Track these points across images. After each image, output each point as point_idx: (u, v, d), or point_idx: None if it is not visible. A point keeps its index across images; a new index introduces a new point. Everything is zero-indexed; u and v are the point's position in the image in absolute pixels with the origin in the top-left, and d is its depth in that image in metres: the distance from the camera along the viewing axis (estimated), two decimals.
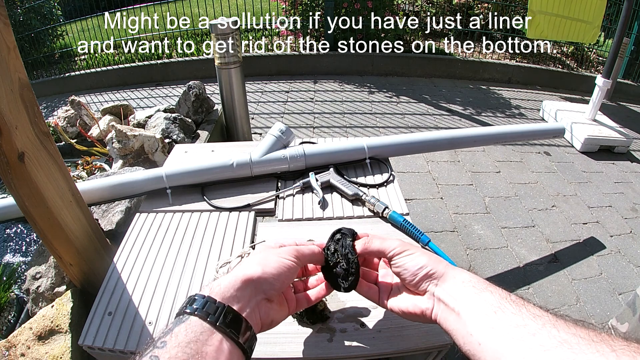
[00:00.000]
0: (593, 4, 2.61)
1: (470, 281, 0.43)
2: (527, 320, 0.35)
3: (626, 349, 0.29)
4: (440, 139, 1.07)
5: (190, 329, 0.37)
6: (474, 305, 0.40)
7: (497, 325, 0.36)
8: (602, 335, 0.32)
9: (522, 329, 0.34)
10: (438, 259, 0.48)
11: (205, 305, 0.39)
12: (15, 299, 1.01)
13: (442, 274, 0.46)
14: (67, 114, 1.96)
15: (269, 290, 0.45)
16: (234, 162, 0.90)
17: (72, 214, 0.70)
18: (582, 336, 0.32)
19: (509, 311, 0.37)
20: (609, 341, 0.30)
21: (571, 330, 0.33)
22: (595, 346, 0.30)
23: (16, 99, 0.57)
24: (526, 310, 0.36)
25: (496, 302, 0.39)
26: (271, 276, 0.45)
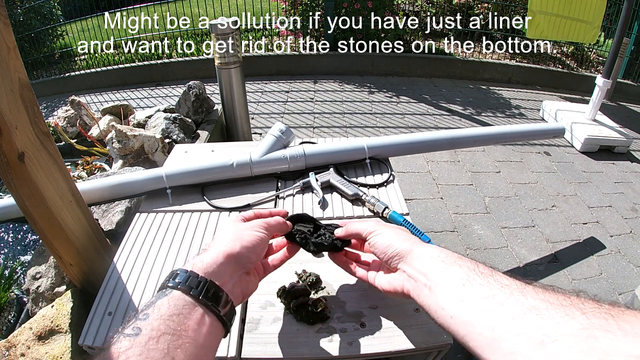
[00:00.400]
0: (593, 4, 2.61)
1: (439, 256, 0.44)
2: (495, 291, 0.35)
3: (597, 310, 0.28)
4: (440, 139, 1.07)
5: (172, 302, 0.37)
6: (444, 280, 0.41)
7: (466, 297, 0.37)
8: (571, 298, 0.31)
9: (490, 299, 0.35)
10: (407, 237, 0.50)
11: (188, 280, 0.40)
12: (15, 299, 1.01)
13: (409, 251, 0.47)
14: (67, 114, 1.96)
15: (248, 264, 0.47)
16: (234, 162, 0.90)
17: (72, 214, 0.70)
18: (551, 301, 0.31)
19: (477, 283, 0.37)
20: (578, 304, 0.30)
21: (539, 296, 0.32)
22: (564, 310, 0.30)
23: (16, 99, 0.57)
24: (494, 281, 0.37)
25: (464, 275, 0.39)
26: (249, 250, 0.47)
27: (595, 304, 0.29)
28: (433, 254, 0.45)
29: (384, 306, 0.62)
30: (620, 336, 0.25)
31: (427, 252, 0.45)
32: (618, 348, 0.24)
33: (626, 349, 0.24)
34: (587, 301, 0.30)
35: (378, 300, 0.63)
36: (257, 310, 0.62)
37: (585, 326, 0.27)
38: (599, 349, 0.25)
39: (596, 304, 0.29)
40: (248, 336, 0.58)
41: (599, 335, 0.26)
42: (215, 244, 0.47)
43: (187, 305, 0.38)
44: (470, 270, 0.39)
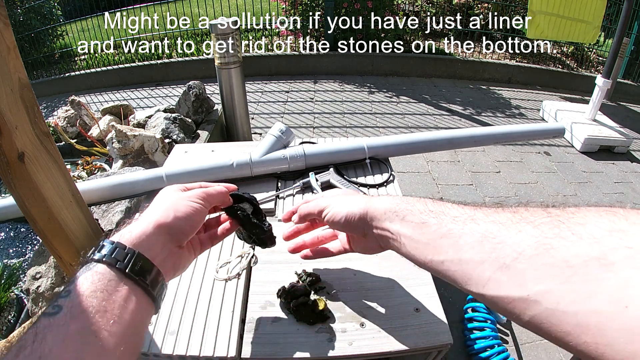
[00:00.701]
0: (593, 4, 2.61)
1: (391, 209, 0.45)
2: (449, 226, 0.36)
3: (547, 220, 0.29)
4: (440, 139, 1.07)
5: (96, 277, 0.34)
6: (404, 231, 0.42)
7: (428, 240, 0.38)
8: (520, 212, 0.32)
9: (448, 237, 0.36)
10: (355, 201, 0.50)
11: (114, 252, 0.36)
12: (15, 299, 1.01)
13: (365, 213, 0.48)
14: (67, 114, 1.96)
15: (181, 236, 0.43)
16: (234, 162, 0.90)
17: (72, 214, 0.70)
18: (501, 221, 0.32)
19: (432, 223, 0.39)
20: (528, 217, 0.30)
21: (490, 218, 0.34)
22: (515, 227, 0.30)
23: (16, 99, 0.57)
24: (445, 217, 0.38)
25: (418, 219, 0.40)
26: (182, 221, 0.43)
27: (543, 212, 0.30)
28: (386, 207, 0.45)
29: (384, 306, 0.62)
30: (575, 240, 0.26)
31: (381, 207, 0.46)
32: (577, 253, 0.25)
33: (584, 252, 0.25)
34: (537, 211, 0.31)
35: (378, 300, 0.63)
36: (257, 310, 0.62)
37: (539, 238, 0.28)
38: (558, 257, 0.26)
39: (545, 213, 0.30)
40: (248, 336, 0.58)
41: (555, 244, 0.27)
42: (147, 214, 0.43)
43: (113, 280, 0.35)
44: (421, 213, 0.41)
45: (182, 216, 0.43)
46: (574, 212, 0.28)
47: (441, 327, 0.59)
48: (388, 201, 0.46)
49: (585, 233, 0.26)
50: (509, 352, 1.27)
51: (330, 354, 0.55)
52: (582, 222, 0.27)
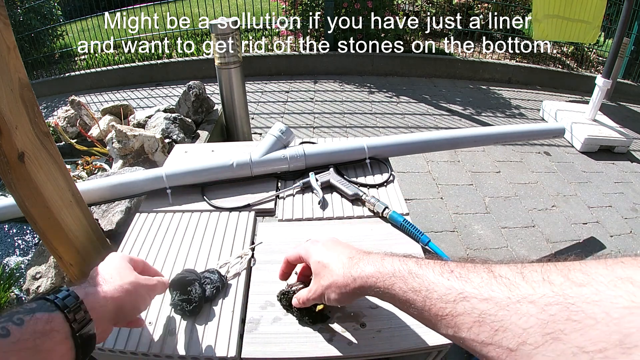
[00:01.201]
0: (593, 4, 2.61)
1: (371, 287, 0.44)
2: (439, 304, 0.35)
3: (551, 298, 0.26)
4: (440, 139, 1.07)
5: (51, 324, 0.37)
6: (392, 302, 0.42)
7: (419, 314, 0.38)
8: (517, 287, 0.29)
9: (441, 317, 0.34)
10: (336, 285, 0.48)
11: (77, 312, 0.39)
12: (15, 299, 1.01)
13: (351, 294, 0.47)
14: (67, 114, 1.96)
15: (122, 321, 0.48)
16: (234, 162, 0.90)
17: (72, 214, 0.70)
18: (497, 299, 0.30)
19: (419, 304, 0.37)
20: (529, 295, 0.28)
21: (483, 295, 0.31)
22: (515, 308, 0.28)
23: (16, 99, 0.57)
24: (431, 294, 0.36)
25: (403, 297, 0.39)
26: (134, 311, 0.49)
27: (543, 283, 0.27)
28: (367, 285, 0.44)
29: (384, 306, 0.62)
30: (590, 324, 0.23)
31: (365, 284, 0.45)
32: (593, 339, 0.23)
33: (602, 337, 0.22)
34: (536, 282, 0.28)
35: (378, 300, 0.63)
36: (257, 310, 0.62)
37: (547, 324, 0.25)
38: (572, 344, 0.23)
39: (545, 284, 0.27)
40: (248, 336, 0.58)
41: (567, 329, 0.24)
42: (110, 285, 0.46)
43: (61, 333, 0.37)
44: (405, 292, 0.39)
45: (136, 305, 0.49)
46: (582, 284, 0.25)
47: None
48: (364, 279, 0.44)
49: (601, 314, 0.23)
50: None
51: (330, 354, 0.55)
52: (596, 300, 0.24)
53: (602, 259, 0.26)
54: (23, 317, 0.35)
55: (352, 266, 0.47)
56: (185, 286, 0.61)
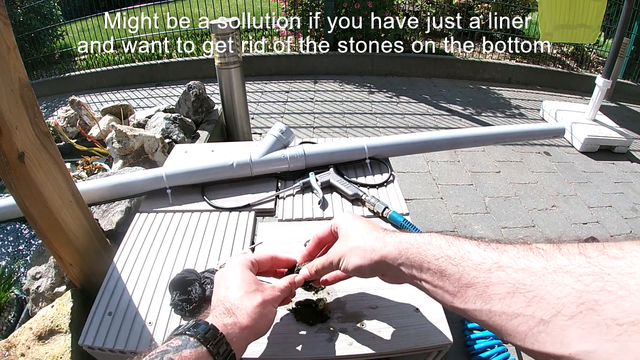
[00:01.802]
0: (593, 8, 2.61)
1: (401, 255, 0.42)
2: (472, 273, 0.34)
3: (587, 269, 0.26)
4: (440, 139, 1.07)
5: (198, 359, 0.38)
6: (423, 277, 0.40)
7: (451, 289, 0.36)
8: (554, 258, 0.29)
9: (473, 286, 0.34)
10: (363, 251, 0.47)
11: (219, 345, 0.41)
12: (15, 299, 1.01)
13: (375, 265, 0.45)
14: (67, 114, 1.96)
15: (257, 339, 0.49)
16: (234, 162, 0.90)
17: (72, 214, 0.70)
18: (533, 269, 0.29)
19: (453, 271, 0.36)
20: (565, 265, 0.28)
21: (519, 264, 0.31)
22: (551, 277, 0.28)
23: (16, 99, 0.57)
24: (466, 263, 0.35)
25: (435, 267, 0.38)
26: (268, 328, 0.50)
27: (579, 256, 0.27)
28: (395, 255, 0.43)
29: (384, 306, 0.62)
30: (624, 295, 0.23)
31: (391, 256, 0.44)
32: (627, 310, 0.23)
33: (635, 309, 0.22)
34: (572, 254, 0.28)
35: (378, 300, 0.63)
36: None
37: (582, 294, 0.25)
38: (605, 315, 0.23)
39: (582, 257, 0.27)
40: None
41: (601, 300, 0.24)
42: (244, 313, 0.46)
43: None
44: (437, 259, 0.38)
45: (269, 323, 0.49)
46: (617, 257, 0.25)
47: (441, 327, 0.59)
48: (395, 245, 0.44)
49: (635, 285, 0.23)
50: (509, 352, 1.27)
51: (330, 354, 0.55)
52: (630, 272, 0.24)
53: (636, 239, 0.27)
54: (172, 356, 0.37)
55: (386, 235, 0.47)
56: (185, 286, 0.61)
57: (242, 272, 0.51)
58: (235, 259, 0.54)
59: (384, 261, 0.44)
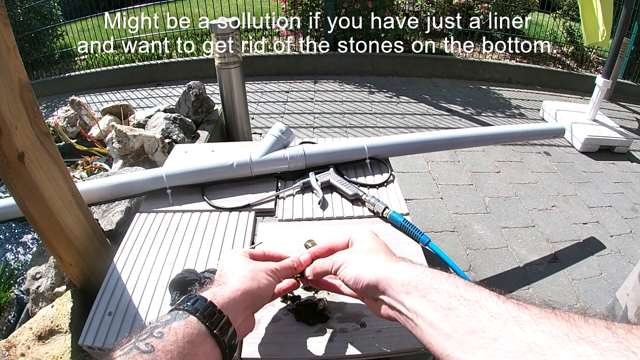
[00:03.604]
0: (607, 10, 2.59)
1: (410, 281, 0.39)
2: (484, 322, 0.30)
3: (614, 346, 0.24)
4: (440, 139, 1.07)
5: (188, 329, 0.38)
6: (424, 312, 0.36)
7: (452, 332, 0.32)
8: (579, 327, 0.26)
9: (480, 334, 0.30)
10: (369, 264, 0.46)
11: (207, 310, 0.40)
12: (15, 299, 1.01)
13: (375, 281, 0.43)
14: (67, 114, 1.96)
15: (259, 304, 0.49)
16: (234, 162, 0.90)
17: (72, 214, 0.70)
18: (554, 334, 0.26)
19: (462, 313, 0.32)
20: (589, 336, 0.25)
21: (539, 326, 0.28)
22: (574, 347, 0.25)
23: (16, 99, 0.57)
24: (481, 309, 0.32)
25: (445, 302, 0.35)
26: (263, 292, 0.48)
27: (608, 332, 0.25)
28: (404, 278, 0.40)
29: None
30: None
31: (398, 278, 0.41)
32: None
33: None
34: (600, 328, 0.25)
35: None
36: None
37: None
38: None
39: (610, 333, 0.25)
40: (248, 336, 0.58)
41: None
42: (233, 279, 0.47)
43: (201, 334, 0.39)
44: (450, 296, 0.34)
45: (263, 287, 0.48)
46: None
47: None
48: (409, 271, 0.41)
49: None
50: None
51: (330, 354, 0.55)
52: None
53: None
54: (162, 329, 0.37)
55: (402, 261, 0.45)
56: (185, 286, 0.61)
57: (237, 255, 0.53)
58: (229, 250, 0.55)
59: (387, 281, 0.42)
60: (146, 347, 0.34)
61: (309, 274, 0.55)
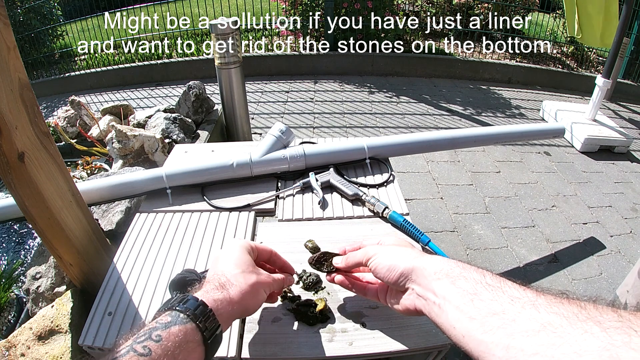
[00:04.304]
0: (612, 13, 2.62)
1: (442, 270, 0.42)
2: (505, 305, 0.34)
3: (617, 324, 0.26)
4: (440, 139, 1.07)
5: (187, 335, 0.39)
6: (451, 296, 0.39)
7: (476, 315, 0.35)
8: (587, 309, 0.29)
9: (500, 316, 0.33)
10: (407, 254, 0.49)
11: (207, 320, 0.41)
12: (15, 299, 1.01)
13: (411, 268, 0.46)
14: (67, 114, 1.96)
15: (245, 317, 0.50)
16: (234, 162, 0.90)
17: (72, 214, 0.70)
18: (566, 315, 0.29)
19: (486, 297, 0.36)
20: (596, 316, 0.28)
21: (553, 309, 0.31)
22: (582, 325, 0.28)
23: (16, 99, 0.57)
24: (502, 294, 0.35)
25: (472, 288, 0.38)
26: (256, 308, 0.50)
27: (614, 314, 0.27)
28: (437, 267, 0.43)
29: (384, 306, 0.62)
30: None
31: (431, 267, 0.44)
32: None
33: None
34: (606, 311, 0.28)
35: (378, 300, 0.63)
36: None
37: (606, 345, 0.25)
38: None
39: (616, 315, 0.27)
40: (248, 336, 0.58)
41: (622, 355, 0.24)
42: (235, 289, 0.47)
43: (196, 341, 0.39)
44: (477, 283, 0.38)
45: (259, 304, 0.50)
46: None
47: None
48: (442, 262, 0.44)
49: None
50: None
51: (330, 354, 0.55)
52: None
53: None
54: (160, 333, 0.37)
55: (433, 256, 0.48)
56: (185, 286, 0.61)
57: (241, 253, 0.52)
58: (235, 240, 0.54)
59: (421, 270, 0.45)
60: (143, 350, 0.35)
61: (342, 264, 0.56)
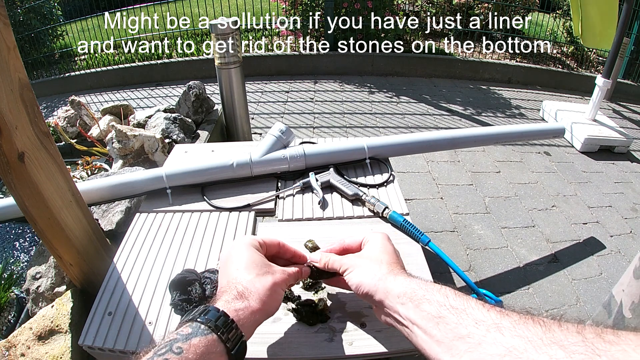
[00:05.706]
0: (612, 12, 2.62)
1: (405, 293, 0.43)
2: (470, 329, 0.34)
3: (582, 349, 0.27)
4: (440, 139, 1.07)
5: (209, 347, 0.38)
6: (417, 320, 0.40)
7: (442, 338, 0.36)
8: (552, 332, 0.30)
9: (466, 340, 0.34)
10: (370, 273, 0.49)
11: (231, 332, 0.40)
12: (15, 299, 1.01)
13: (374, 291, 0.46)
14: (67, 114, 1.96)
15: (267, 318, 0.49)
16: (234, 162, 0.90)
17: (72, 214, 0.70)
18: (530, 338, 0.30)
19: (451, 321, 0.36)
20: (561, 340, 0.28)
21: (517, 331, 0.31)
22: (547, 350, 0.28)
23: (16, 99, 0.57)
24: (467, 316, 0.36)
25: (435, 311, 0.38)
26: (275, 310, 0.49)
27: (578, 337, 0.28)
28: (400, 291, 0.44)
29: None
30: None
31: (394, 290, 0.44)
32: None
33: None
34: (571, 333, 0.29)
35: None
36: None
37: None
38: None
39: (580, 338, 0.28)
40: None
41: None
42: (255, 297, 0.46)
43: (218, 352, 0.39)
44: (441, 306, 0.38)
45: (278, 305, 0.50)
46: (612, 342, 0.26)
47: None
48: (404, 284, 0.44)
49: None
50: None
51: (330, 354, 0.55)
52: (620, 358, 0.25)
53: (636, 330, 0.27)
54: (181, 345, 0.36)
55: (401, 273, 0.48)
56: (185, 286, 0.61)
57: (251, 253, 0.51)
58: (241, 239, 0.53)
59: (384, 293, 0.45)
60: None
61: (320, 263, 0.56)
